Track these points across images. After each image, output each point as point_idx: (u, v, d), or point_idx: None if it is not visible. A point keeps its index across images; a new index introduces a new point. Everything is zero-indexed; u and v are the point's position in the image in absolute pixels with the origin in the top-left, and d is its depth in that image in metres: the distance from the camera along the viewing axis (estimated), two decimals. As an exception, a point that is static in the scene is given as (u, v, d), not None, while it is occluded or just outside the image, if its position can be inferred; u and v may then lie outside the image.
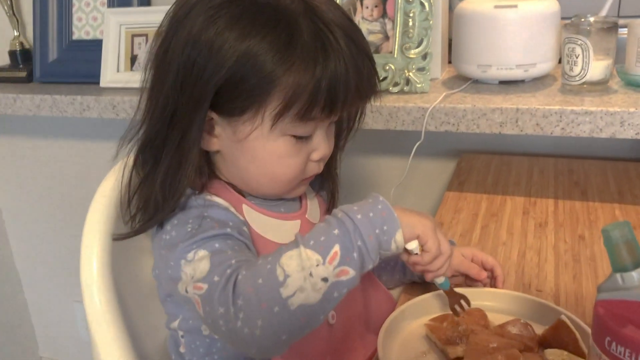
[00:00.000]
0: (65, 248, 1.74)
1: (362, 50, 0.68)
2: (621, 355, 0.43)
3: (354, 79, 0.66)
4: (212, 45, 0.63)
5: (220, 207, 0.69)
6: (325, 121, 0.70)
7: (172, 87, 0.65)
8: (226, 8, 0.64)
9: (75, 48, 1.43)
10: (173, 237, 0.66)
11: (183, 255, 0.63)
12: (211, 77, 0.63)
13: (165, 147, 0.67)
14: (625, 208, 1.01)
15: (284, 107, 0.64)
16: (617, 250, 0.46)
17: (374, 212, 0.60)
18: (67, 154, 1.62)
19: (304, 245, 0.57)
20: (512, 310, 0.74)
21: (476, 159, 1.25)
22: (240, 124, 0.67)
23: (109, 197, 0.75)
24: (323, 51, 0.63)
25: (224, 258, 0.61)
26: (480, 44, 1.08)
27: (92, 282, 0.70)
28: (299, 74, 0.63)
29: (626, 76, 1.05)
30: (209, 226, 0.65)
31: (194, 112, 0.65)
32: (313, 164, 0.73)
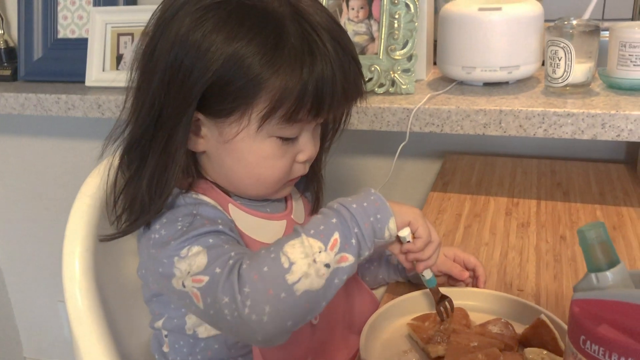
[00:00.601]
0: (50, 247, 1.73)
1: (349, 52, 0.68)
2: (595, 353, 0.44)
3: (341, 82, 0.66)
4: (200, 47, 0.63)
5: (209, 205, 0.69)
6: (311, 123, 0.70)
7: (158, 87, 0.65)
8: (214, 10, 0.64)
9: (61, 47, 1.42)
10: (163, 235, 0.66)
11: (176, 252, 0.63)
12: (198, 79, 0.63)
13: (152, 147, 0.67)
14: (607, 209, 1.02)
15: (271, 110, 0.64)
16: (592, 250, 0.47)
17: (368, 202, 0.64)
18: (51, 153, 1.61)
19: (305, 234, 0.60)
20: (494, 309, 0.75)
21: (460, 160, 1.26)
22: (227, 126, 0.67)
23: (92, 198, 0.74)
24: (310, 54, 0.64)
25: (222, 251, 0.62)
26: (464, 46, 1.09)
27: (75, 282, 0.70)
28: (286, 77, 0.63)
29: (608, 79, 1.06)
30: (200, 224, 0.65)
31: (180, 113, 0.65)
32: (299, 165, 0.73)
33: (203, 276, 0.60)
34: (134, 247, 0.72)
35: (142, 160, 0.68)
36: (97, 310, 0.71)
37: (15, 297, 1.87)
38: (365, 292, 0.86)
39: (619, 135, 0.96)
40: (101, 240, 0.71)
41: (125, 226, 0.69)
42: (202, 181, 0.73)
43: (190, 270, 0.61)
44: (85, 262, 0.72)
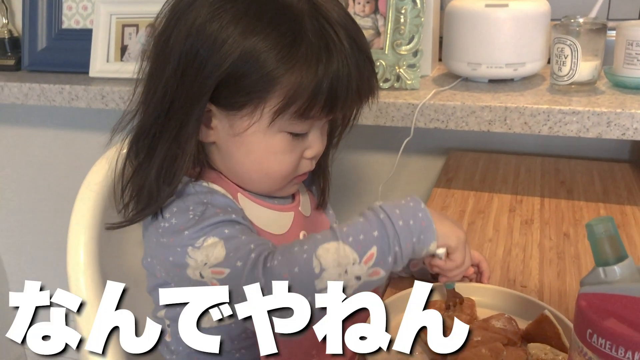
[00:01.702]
0: (52, 239, 1.72)
1: (364, 51, 0.68)
2: (602, 347, 0.44)
3: (356, 80, 0.66)
4: (216, 39, 0.62)
5: (220, 193, 0.69)
6: (322, 120, 0.70)
7: (171, 77, 0.65)
8: (232, 2, 0.63)
9: (65, 37, 1.42)
10: (174, 224, 0.65)
11: (190, 242, 0.63)
12: (213, 71, 0.63)
13: (162, 137, 0.67)
14: (610, 207, 1.02)
15: (284, 105, 0.64)
16: (600, 244, 0.47)
17: (415, 220, 0.62)
18: (54, 144, 1.61)
19: (342, 240, 0.58)
20: (497, 305, 0.75)
21: (464, 157, 1.26)
22: (238, 119, 0.67)
23: (98, 186, 0.74)
24: (326, 51, 0.63)
25: (240, 243, 0.61)
26: (470, 42, 1.09)
27: (79, 270, 0.70)
28: (301, 73, 0.63)
29: (614, 77, 1.06)
30: (212, 213, 0.65)
31: (193, 104, 0.65)
32: (306, 162, 0.73)
33: (223, 268, 0.60)
34: (138, 237, 0.72)
35: (151, 149, 0.68)
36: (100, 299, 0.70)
37: (15, 288, 1.87)
38: (368, 286, 0.86)
39: (624, 134, 0.96)
40: (107, 228, 0.71)
41: (132, 214, 0.69)
42: (211, 171, 0.73)
43: (208, 261, 0.61)
44: (90, 250, 0.72)
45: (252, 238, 0.63)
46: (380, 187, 1.29)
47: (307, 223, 0.78)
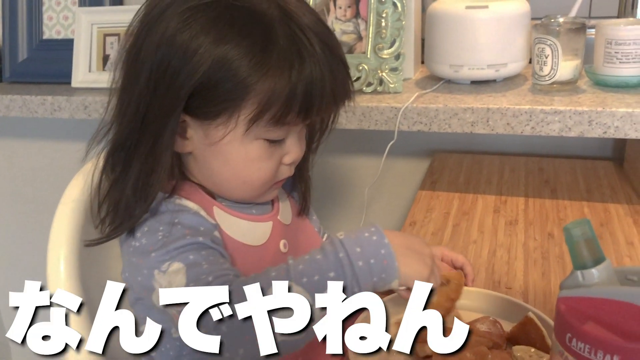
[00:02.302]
0: (37, 250, 1.71)
1: (337, 55, 0.67)
2: (581, 351, 0.44)
3: (330, 84, 0.65)
4: (187, 48, 0.62)
5: (191, 211, 0.68)
6: (298, 125, 0.70)
7: (144, 89, 0.64)
8: (202, 11, 0.63)
9: (46, 47, 1.41)
10: (143, 244, 0.65)
11: (157, 265, 0.62)
12: (185, 81, 0.62)
13: (137, 150, 0.66)
14: (594, 206, 1.02)
15: (259, 112, 0.64)
16: (577, 247, 0.47)
17: (376, 259, 0.58)
18: (38, 155, 1.60)
19: (295, 281, 0.56)
20: (482, 307, 0.75)
21: (449, 158, 1.27)
22: (213, 128, 0.66)
23: (76, 201, 0.74)
24: (299, 56, 0.63)
25: (200, 273, 0.60)
26: (452, 44, 1.09)
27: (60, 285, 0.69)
28: (274, 80, 0.62)
29: (594, 76, 1.07)
30: (180, 234, 0.64)
31: (167, 115, 0.64)
32: (285, 167, 0.72)
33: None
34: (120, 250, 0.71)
35: (127, 162, 0.67)
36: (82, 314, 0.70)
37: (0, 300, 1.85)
38: (354, 291, 0.86)
39: (606, 132, 0.96)
40: (86, 245, 0.70)
41: (109, 230, 0.68)
42: (187, 183, 0.72)
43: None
44: (70, 264, 0.71)
45: (213, 267, 0.61)
46: (366, 191, 1.29)
47: (288, 231, 0.77)
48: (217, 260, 0.63)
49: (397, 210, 1.35)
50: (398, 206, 1.35)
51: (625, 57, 1.02)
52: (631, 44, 1.01)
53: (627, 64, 1.02)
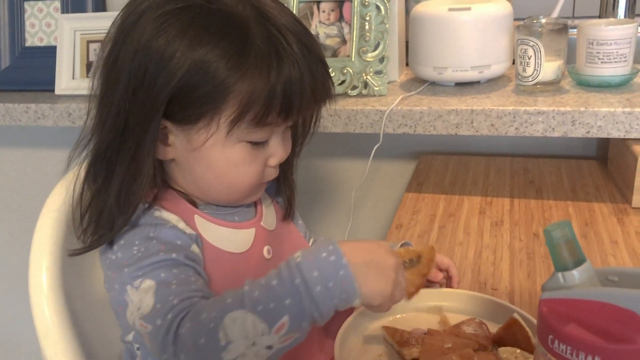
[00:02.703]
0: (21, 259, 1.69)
1: (315, 54, 0.68)
2: (563, 352, 0.44)
3: (309, 83, 0.66)
4: (163, 54, 0.62)
5: (168, 224, 0.67)
6: (281, 126, 0.70)
7: (123, 97, 0.64)
8: (177, 15, 0.63)
9: (29, 55, 1.40)
10: (119, 258, 0.65)
11: (129, 281, 0.62)
12: (163, 86, 0.62)
13: (119, 158, 0.66)
14: (578, 205, 1.03)
15: (240, 114, 0.64)
16: (558, 249, 0.47)
17: (335, 281, 0.55)
18: (23, 163, 1.58)
19: (251, 309, 0.54)
20: (468, 309, 0.75)
21: (434, 160, 1.27)
22: (195, 132, 0.66)
23: (57, 212, 0.73)
24: (276, 56, 0.63)
25: (168, 294, 0.59)
26: (435, 46, 1.10)
27: (42, 296, 0.69)
28: (253, 80, 0.62)
29: (577, 76, 1.08)
30: (155, 249, 0.63)
31: (147, 121, 0.64)
32: (270, 169, 0.72)
33: (148, 323, 0.59)
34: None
35: (109, 171, 0.67)
36: (67, 325, 0.69)
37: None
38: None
39: (589, 132, 0.97)
40: (70, 255, 0.69)
41: (91, 240, 0.67)
42: (168, 192, 0.72)
43: (140, 307, 0.60)
44: (53, 275, 0.70)
45: (181, 288, 0.60)
46: (353, 194, 1.29)
47: (272, 237, 0.77)
48: (187, 280, 0.62)
49: (384, 213, 1.35)
50: (385, 209, 1.35)
51: (607, 57, 1.03)
52: (612, 44, 1.02)
53: (608, 63, 1.03)
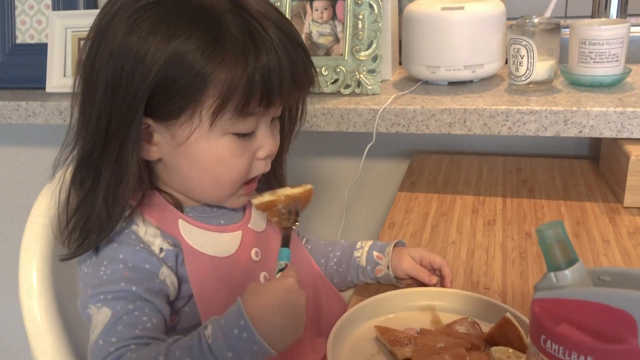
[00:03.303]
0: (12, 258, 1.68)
1: (294, 39, 0.67)
2: (556, 352, 0.44)
3: (288, 69, 0.65)
4: (138, 51, 0.62)
5: (140, 245, 0.67)
6: (266, 115, 0.69)
7: (103, 98, 0.64)
8: (148, 11, 0.63)
9: (19, 52, 1.39)
10: (88, 274, 0.66)
11: (90, 301, 0.64)
12: (141, 83, 0.62)
13: (104, 161, 0.66)
14: (571, 205, 1.03)
15: (221, 104, 0.63)
16: (550, 249, 0.47)
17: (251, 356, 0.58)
18: (14, 162, 1.57)
19: None
20: (460, 309, 0.75)
21: (427, 159, 1.27)
22: (178, 127, 0.66)
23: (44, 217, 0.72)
24: (253, 43, 0.63)
25: (112, 333, 0.61)
26: (428, 45, 1.09)
27: (32, 297, 0.68)
28: (230, 69, 0.62)
29: (569, 76, 1.08)
30: (119, 276, 0.64)
31: (128, 121, 0.64)
32: (259, 163, 0.71)
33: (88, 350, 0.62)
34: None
35: (95, 175, 0.66)
36: (57, 325, 0.69)
37: (-21, 309, 1.82)
38: (333, 294, 0.85)
39: (581, 131, 0.97)
40: (61, 260, 0.69)
41: (77, 245, 0.67)
42: (155, 195, 0.71)
43: (94, 330, 0.62)
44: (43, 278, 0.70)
45: (125, 332, 0.61)
46: (346, 192, 1.29)
47: (261, 239, 0.77)
48: (137, 320, 0.63)
49: (377, 212, 1.35)
50: (378, 207, 1.35)
51: (599, 56, 1.03)
52: (604, 43, 1.02)
53: (600, 63, 1.03)
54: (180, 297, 0.69)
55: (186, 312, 0.70)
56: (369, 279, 0.85)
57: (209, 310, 0.69)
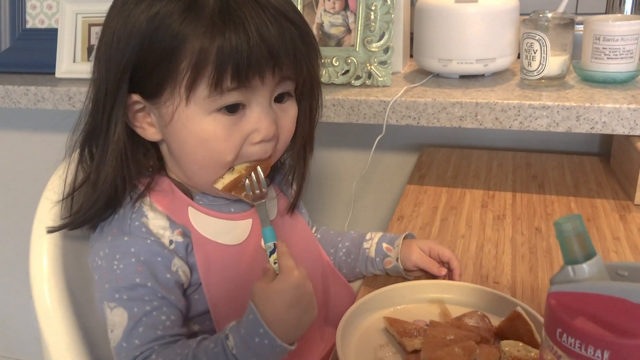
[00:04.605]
0: (21, 243, 1.68)
1: (282, 14, 0.64)
2: (571, 346, 0.44)
3: (265, 44, 0.62)
4: (126, 18, 0.64)
5: (151, 238, 0.67)
6: (258, 94, 0.66)
7: (102, 72, 0.66)
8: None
9: (29, 37, 1.38)
10: (102, 267, 0.67)
11: (106, 298, 0.65)
12: (126, 48, 0.64)
13: (100, 137, 0.68)
14: (581, 201, 1.03)
15: (193, 76, 0.62)
16: (568, 242, 0.47)
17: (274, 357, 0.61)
18: (22, 147, 1.57)
19: None
20: (470, 302, 0.75)
21: (437, 153, 1.26)
22: (163, 105, 0.66)
23: (58, 193, 0.72)
24: (227, 15, 0.62)
25: (135, 335, 0.63)
26: (441, 38, 1.09)
27: (42, 279, 0.68)
28: (200, 38, 0.61)
29: (582, 72, 1.07)
30: (132, 270, 0.65)
31: (115, 92, 0.65)
32: (254, 148, 0.68)
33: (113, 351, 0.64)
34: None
35: (102, 151, 0.68)
36: (66, 307, 0.69)
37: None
38: (342, 284, 0.85)
39: (593, 127, 0.96)
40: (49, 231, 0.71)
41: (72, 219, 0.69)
42: (165, 181, 0.72)
43: (113, 331, 0.64)
44: (53, 259, 0.70)
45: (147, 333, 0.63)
46: (354, 184, 1.29)
47: None
48: (157, 320, 0.64)
49: (385, 204, 1.35)
50: (386, 200, 1.35)
51: (613, 52, 1.02)
52: (619, 39, 1.01)
53: (614, 59, 1.02)
54: (191, 284, 0.69)
55: (195, 299, 0.70)
56: (377, 270, 0.84)
57: (217, 298, 0.69)
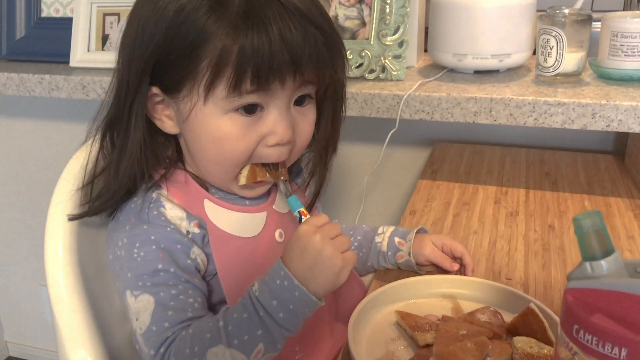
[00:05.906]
0: (33, 231, 1.70)
1: (307, 19, 0.63)
2: (588, 343, 0.44)
3: (287, 49, 0.61)
4: (154, 9, 0.64)
5: (170, 227, 0.68)
6: (277, 97, 0.65)
7: (125, 62, 0.67)
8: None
9: (44, 26, 1.38)
10: (122, 256, 0.67)
11: (129, 287, 0.66)
12: (150, 39, 0.64)
13: (127, 127, 0.68)
14: (595, 199, 1.02)
15: (213, 76, 0.62)
16: (587, 239, 0.46)
17: (294, 303, 0.62)
18: (35, 135, 1.58)
19: (229, 344, 0.60)
20: (482, 298, 0.75)
21: (449, 148, 1.26)
22: (181, 102, 0.66)
23: (75, 179, 0.73)
24: (251, 18, 0.61)
25: (163, 318, 0.63)
26: (456, 33, 1.08)
27: (57, 265, 0.69)
28: (223, 38, 0.61)
29: (599, 69, 1.06)
30: (154, 257, 0.66)
31: (138, 83, 0.66)
32: (269, 150, 0.68)
33: (142, 344, 0.64)
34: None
35: (124, 139, 0.68)
36: (80, 294, 0.69)
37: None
38: (353, 278, 0.85)
39: (609, 125, 0.96)
40: (70, 219, 0.71)
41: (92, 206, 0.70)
42: (181, 174, 0.72)
43: (138, 319, 0.64)
44: (68, 246, 0.70)
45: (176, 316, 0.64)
46: (366, 178, 1.29)
47: (285, 220, 0.76)
48: (184, 303, 0.65)
49: (396, 199, 1.35)
50: (397, 195, 1.35)
51: (631, 50, 1.01)
52: (637, 36, 1.00)
53: (632, 57, 1.02)
54: (207, 274, 0.70)
55: (210, 289, 0.71)
56: (389, 264, 0.84)
57: (233, 290, 0.69)
